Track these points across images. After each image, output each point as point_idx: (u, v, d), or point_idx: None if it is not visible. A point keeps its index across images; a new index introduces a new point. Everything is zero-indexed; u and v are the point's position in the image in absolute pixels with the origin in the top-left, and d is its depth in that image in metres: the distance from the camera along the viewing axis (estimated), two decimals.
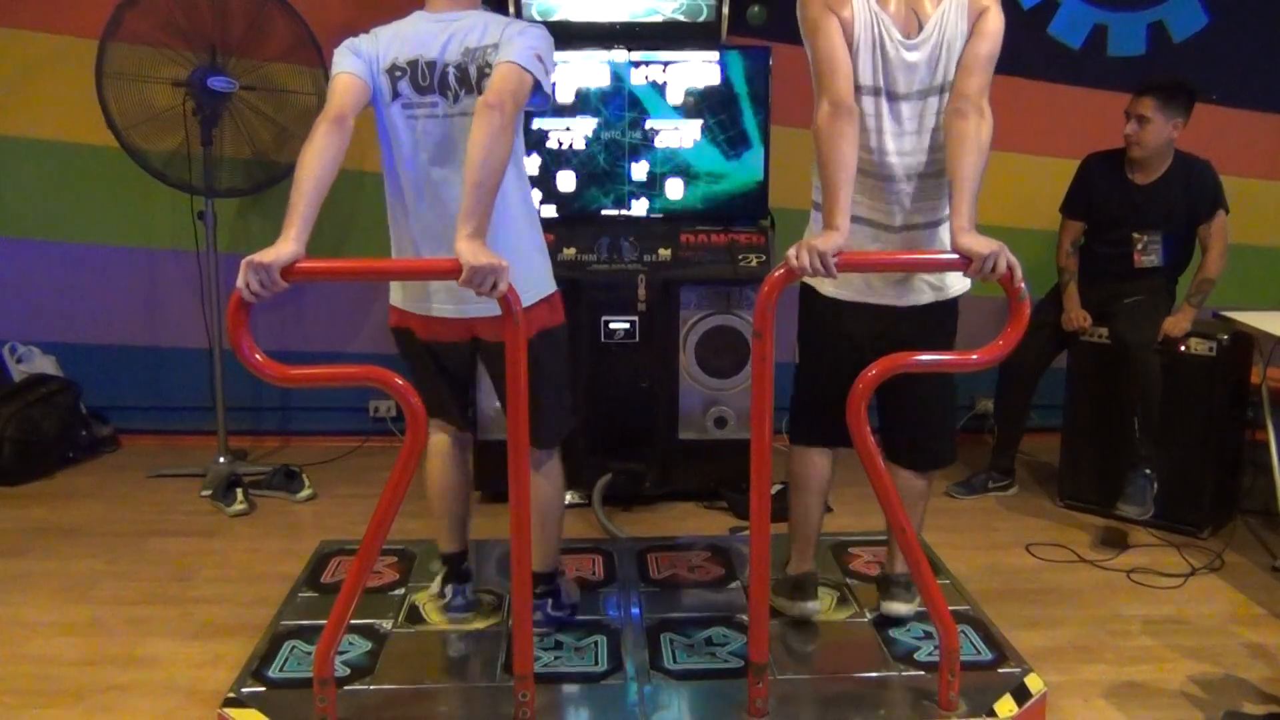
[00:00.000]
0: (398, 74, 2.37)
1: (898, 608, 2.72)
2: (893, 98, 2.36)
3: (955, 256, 2.19)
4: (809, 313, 2.60)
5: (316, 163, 2.19)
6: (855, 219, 2.30)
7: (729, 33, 3.72)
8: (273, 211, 3.97)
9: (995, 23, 2.34)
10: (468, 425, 2.76)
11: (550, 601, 2.70)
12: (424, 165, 2.39)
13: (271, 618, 2.78)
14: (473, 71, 2.35)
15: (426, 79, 2.36)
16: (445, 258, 2.16)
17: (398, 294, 2.55)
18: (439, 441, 2.66)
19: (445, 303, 2.45)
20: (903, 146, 2.38)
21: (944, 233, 2.41)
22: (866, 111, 2.35)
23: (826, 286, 2.51)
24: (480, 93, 2.31)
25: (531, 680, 2.25)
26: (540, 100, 2.36)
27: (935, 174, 2.40)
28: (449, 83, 2.36)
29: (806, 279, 2.43)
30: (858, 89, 2.32)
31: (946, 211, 2.39)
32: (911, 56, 2.33)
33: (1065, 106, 4.36)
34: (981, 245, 2.14)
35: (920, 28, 2.33)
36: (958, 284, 2.52)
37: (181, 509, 3.79)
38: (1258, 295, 4.09)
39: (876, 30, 2.31)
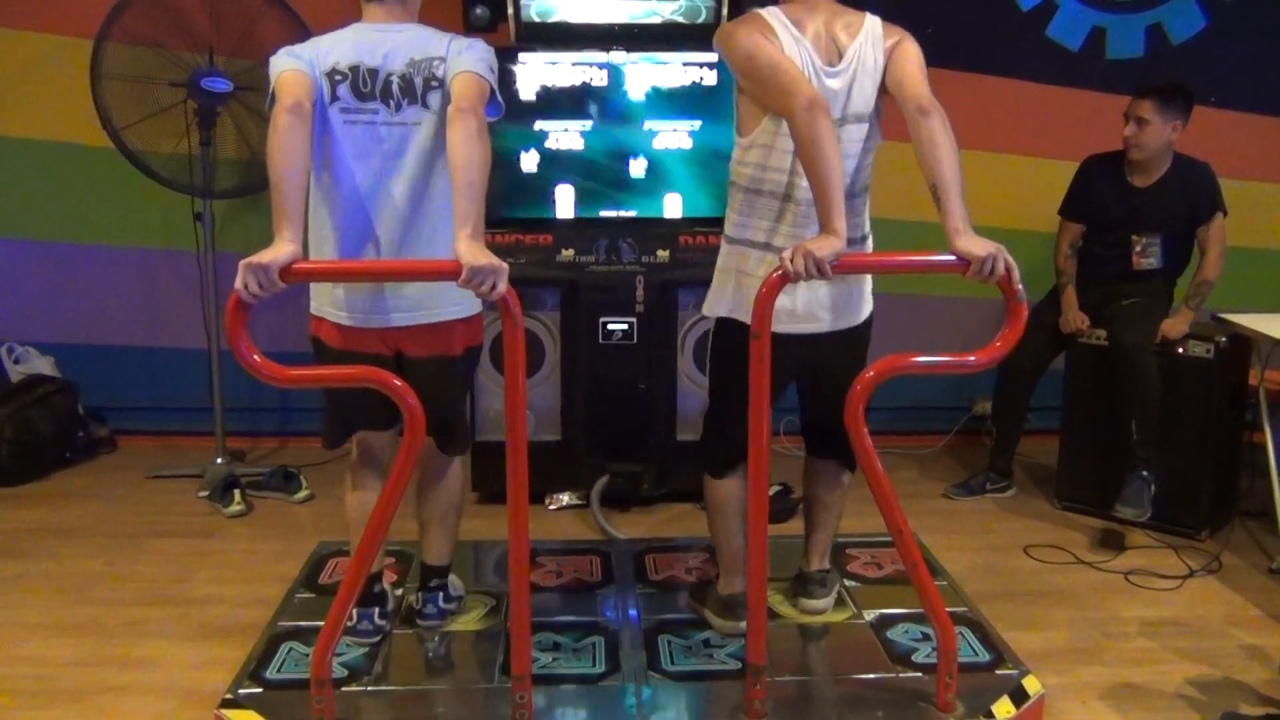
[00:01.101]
0: (338, 78, 2.38)
1: (814, 604, 2.76)
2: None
3: (953, 259, 2.19)
4: (732, 345, 2.46)
5: (287, 157, 2.19)
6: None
7: None
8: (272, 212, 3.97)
9: (912, 45, 2.39)
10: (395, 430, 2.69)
11: (441, 594, 2.74)
12: (360, 171, 2.40)
13: (269, 619, 2.78)
14: (418, 83, 2.38)
15: (368, 85, 2.38)
16: (435, 260, 2.17)
17: (319, 302, 2.49)
18: (367, 467, 2.63)
19: (371, 313, 2.44)
20: (847, 166, 2.39)
21: (869, 246, 2.53)
22: None
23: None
24: (424, 104, 2.38)
25: (529, 681, 2.25)
26: (493, 110, 2.39)
27: (864, 190, 2.48)
28: (391, 91, 2.38)
29: (723, 313, 2.51)
30: None
31: (866, 229, 2.50)
32: (832, 84, 2.36)
33: (1064, 109, 4.36)
34: (979, 247, 2.14)
35: (840, 56, 2.36)
36: (870, 305, 2.59)
37: (179, 510, 3.79)
38: (1256, 297, 4.09)
39: (803, 57, 2.33)
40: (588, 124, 3.67)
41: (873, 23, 2.40)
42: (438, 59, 2.38)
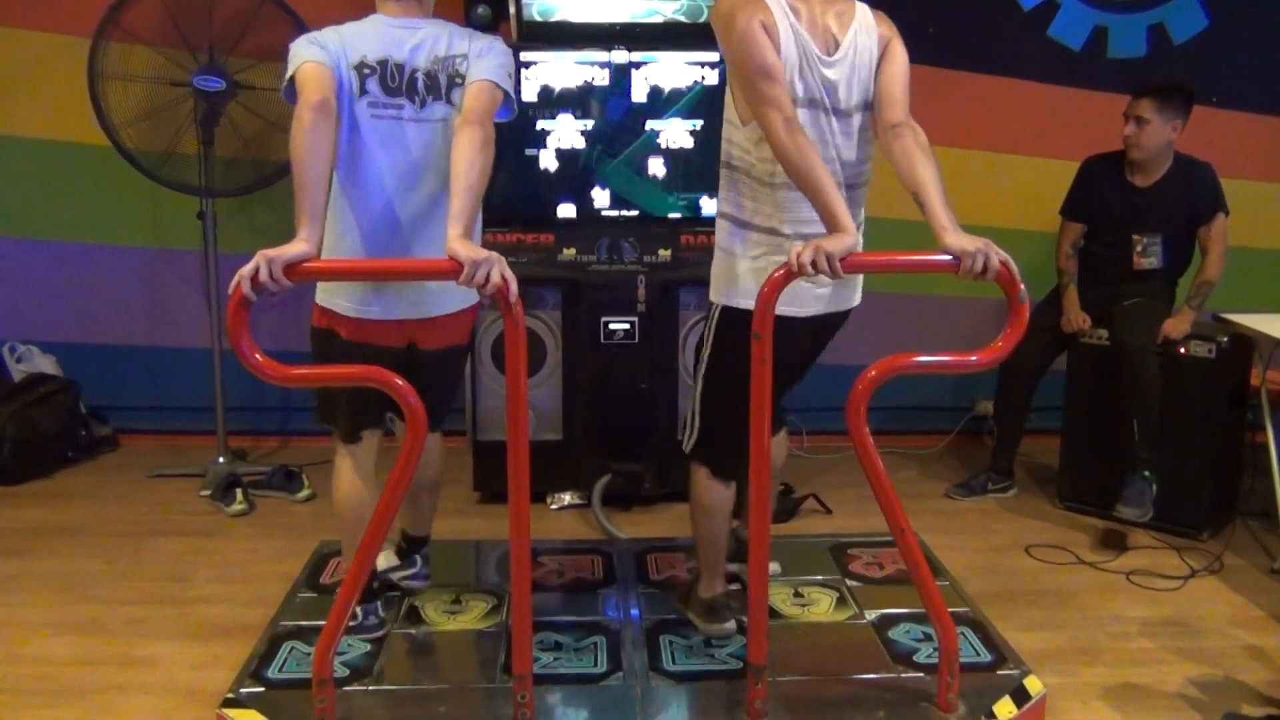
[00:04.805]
0: (367, 71, 2.38)
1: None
2: (830, 112, 2.36)
3: (946, 257, 2.18)
4: (743, 337, 2.21)
5: (311, 156, 2.19)
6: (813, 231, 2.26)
7: None
8: (275, 210, 3.97)
9: (901, 49, 2.39)
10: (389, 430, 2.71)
11: (421, 560, 2.90)
12: (385, 166, 2.41)
13: (270, 618, 2.78)
14: (443, 80, 2.41)
15: (396, 80, 2.40)
16: (437, 259, 2.18)
17: (329, 295, 2.49)
18: (365, 460, 2.62)
19: (387, 305, 2.46)
20: (847, 157, 2.40)
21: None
22: (818, 125, 2.34)
23: (782, 306, 2.29)
24: (449, 100, 2.41)
25: (530, 681, 2.25)
26: (506, 112, 2.43)
27: (864, 184, 2.47)
28: (417, 88, 2.40)
29: (737, 303, 2.41)
30: (805, 103, 2.32)
31: (860, 219, 2.46)
32: (830, 74, 2.35)
33: (1065, 108, 4.35)
34: (967, 243, 2.15)
35: (837, 46, 2.35)
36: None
37: (181, 509, 3.79)
38: (1257, 297, 4.09)
39: (799, 46, 2.31)
40: (589, 123, 3.67)
41: (863, 11, 2.40)
42: (461, 56, 2.41)
